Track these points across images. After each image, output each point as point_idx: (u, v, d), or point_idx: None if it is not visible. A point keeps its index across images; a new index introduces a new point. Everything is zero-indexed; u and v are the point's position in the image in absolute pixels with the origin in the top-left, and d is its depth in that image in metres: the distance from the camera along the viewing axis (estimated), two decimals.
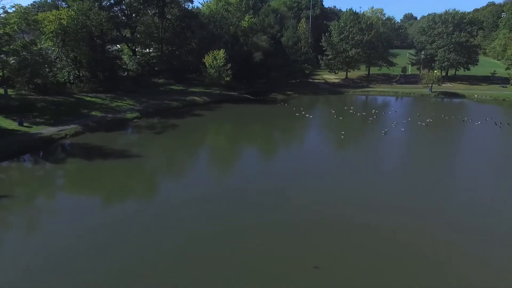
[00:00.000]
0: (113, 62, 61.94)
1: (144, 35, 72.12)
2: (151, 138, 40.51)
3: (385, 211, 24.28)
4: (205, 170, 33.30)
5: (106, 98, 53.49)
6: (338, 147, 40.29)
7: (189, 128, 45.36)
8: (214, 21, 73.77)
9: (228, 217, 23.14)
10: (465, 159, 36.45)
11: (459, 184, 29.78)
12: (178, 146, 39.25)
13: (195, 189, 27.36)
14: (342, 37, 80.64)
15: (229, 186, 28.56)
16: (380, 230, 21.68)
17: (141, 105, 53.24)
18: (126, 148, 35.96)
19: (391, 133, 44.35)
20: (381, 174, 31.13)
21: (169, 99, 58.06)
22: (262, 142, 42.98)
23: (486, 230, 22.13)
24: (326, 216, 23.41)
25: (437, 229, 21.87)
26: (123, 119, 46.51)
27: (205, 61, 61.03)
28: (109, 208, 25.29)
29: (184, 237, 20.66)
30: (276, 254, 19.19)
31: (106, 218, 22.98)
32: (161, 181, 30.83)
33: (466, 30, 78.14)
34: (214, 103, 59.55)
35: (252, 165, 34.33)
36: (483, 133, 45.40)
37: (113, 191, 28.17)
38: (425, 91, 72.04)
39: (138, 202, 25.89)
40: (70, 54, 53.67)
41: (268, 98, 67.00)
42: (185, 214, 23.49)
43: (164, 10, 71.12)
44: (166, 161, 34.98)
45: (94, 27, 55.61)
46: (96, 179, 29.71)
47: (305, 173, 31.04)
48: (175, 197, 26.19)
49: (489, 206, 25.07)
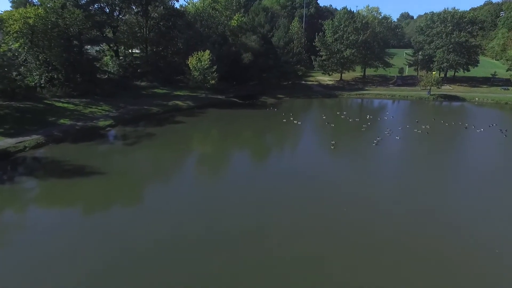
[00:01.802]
0: (92, 64, 58.00)
1: (126, 35, 68.05)
2: (121, 151, 36.55)
3: (378, 247, 20.55)
4: (173, 192, 28.81)
5: (80, 104, 49.53)
6: (327, 161, 35.78)
7: (166, 138, 41.38)
8: (201, 20, 69.71)
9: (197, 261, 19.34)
10: (468, 176, 32.25)
11: (461, 212, 25.99)
12: (149, 161, 34.97)
13: (160, 218, 23.53)
14: (337, 37, 76.80)
15: (201, 220, 24.72)
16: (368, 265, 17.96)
17: (118, 111, 49.28)
18: (88, 163, 31.82)
19: (384, 142, 40.33)
20: (371, 198, 27.29)
21: (150, 104, 54.11)
22: (240, 158, 37.48)
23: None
24: (307, 253, 19.67)
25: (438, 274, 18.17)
26: (95, 127, 42.50)
27: (189, 63, 57.05)
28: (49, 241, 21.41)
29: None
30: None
31: (46, 255, 19.14)
32: (119, 207, 26.27)
33: (466, 30, 74.47)
34: (199, 108, 55.63)
35: (221, 189, 29.14)
36: (487, 143, 41.66)
37: (62, 213, 24.26)
38: (423, 94, 68.39)
39: (87, 235, 22.01)
40: (40, 56, 49.54)
41: (257, 102, 63.11)
42: (146, 256, 19.68)
43: (148, 8, 67.21)
44: (130, 180, 30.00)
45: (69, 26, 51.61)
46: (42, 203, 25.79)
47: (287, 196, 27.18)
48: (135, 234, 22.27)
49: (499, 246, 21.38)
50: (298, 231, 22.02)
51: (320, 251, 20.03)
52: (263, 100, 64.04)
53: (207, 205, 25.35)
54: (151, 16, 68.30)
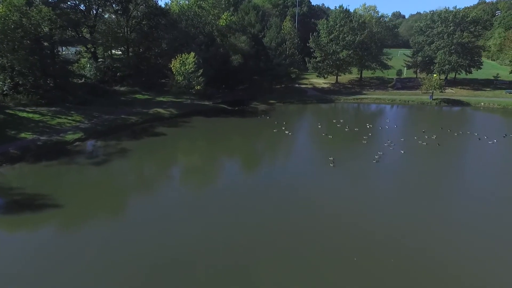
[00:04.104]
0: (65, 67, 52.50)
1: (105, 35, 62.43)
2: (87, 173, 30.99)
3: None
4: (143, 235, 22.24)
5: (47, 113, 44.05)
6: (326, 183, 30.13)
7: (142, 155, 36.12)
8: (186, 19, 64.47)
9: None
10: (488, 202, 27.66)
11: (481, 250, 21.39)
12: (116, 189, 28.84)
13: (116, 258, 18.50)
14: (332, 37, 72.15)
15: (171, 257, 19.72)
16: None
17: (91, 121, 43.92)
18: (42, 191, 26.38)
19: (387, 158, 35.44)
20: (376, 235, 22.60)
21: (128, 112, 48.79)
22: (226, 183, 30.01)
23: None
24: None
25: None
26: (60, 142, 37.07)
27: (172, 66, 51.85)
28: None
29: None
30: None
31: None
32: (73, 257, 20.28)
33: (468, 30, 70.36)
34: (182, 116, 50.44)
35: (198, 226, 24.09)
36: (504, 158, 37.27)
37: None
38: (425, 98, 64.10)
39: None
40: (1, 60, 43.98)
41: (248, 108, 58.17)
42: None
43: (129, 6, 61.79)
44: (93, 216, 24.03)
45: (36, 26, 46.04)
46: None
47: (278, 234, 22.35)
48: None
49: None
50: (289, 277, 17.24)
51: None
52: (254, 106, 59.15)
53: (182, 255, 20.36)
54: (132, 15, 62.95)
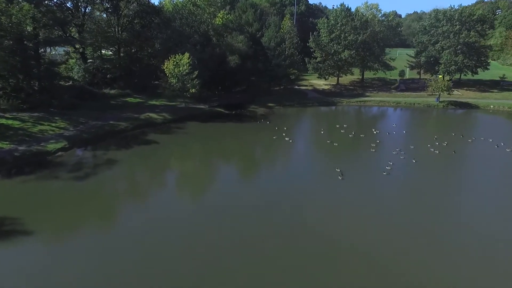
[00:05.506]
0: (50, 69, 48.99)
1: (94, 34, 58.85)
2: (69, 189, 27.42)
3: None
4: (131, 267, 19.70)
5: (29, 119, 40.63)
6: (335, 201, 26.55)
7: (130, 166, 32.79)
8: (180, 18, 61.10)
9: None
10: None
11: None
12: (103, 205, 25.70)
13: None
14: (333, 37, 69.08)
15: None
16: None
17: (76, 128, 40.50)
18: (14, 213, 23.08)
19: (399, 169, 32.31)
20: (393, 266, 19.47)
21: (117, 117, 45.35)
22: (223, 203, 25.50)
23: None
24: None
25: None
26: (41, 152, 33.59)
27: (165, 68, 48.48)
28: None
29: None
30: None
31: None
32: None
33: (475, 29, 67.56)
34: (176, 121, 47.14)
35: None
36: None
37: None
38: (431, 101, 61.20)
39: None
40: None
41: (246, 112, 54.91)
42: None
43: (120, 4, 58.31)
44: (69, 246, 20.62)
45: (17, 24, 42.53)
46: None
47: (278, 264, 19.19)
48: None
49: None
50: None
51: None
52: (252, 110, 55.90)
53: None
54: (124, 13, 59.48)
